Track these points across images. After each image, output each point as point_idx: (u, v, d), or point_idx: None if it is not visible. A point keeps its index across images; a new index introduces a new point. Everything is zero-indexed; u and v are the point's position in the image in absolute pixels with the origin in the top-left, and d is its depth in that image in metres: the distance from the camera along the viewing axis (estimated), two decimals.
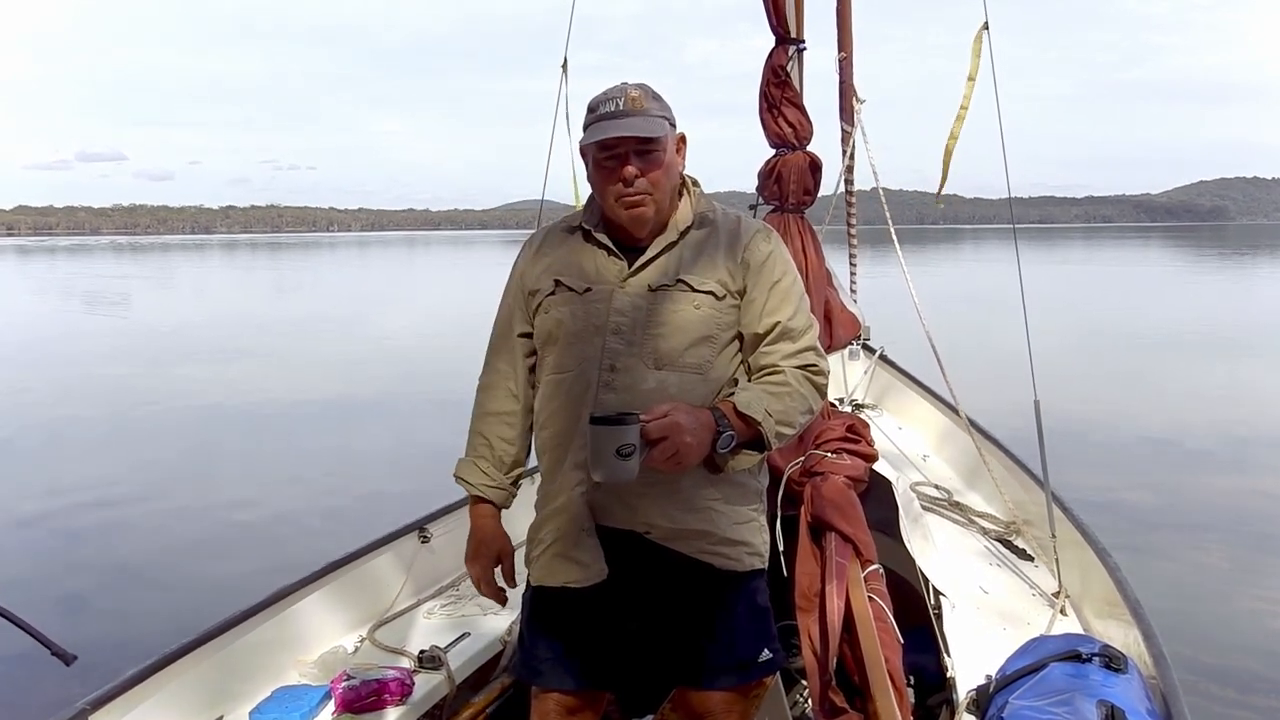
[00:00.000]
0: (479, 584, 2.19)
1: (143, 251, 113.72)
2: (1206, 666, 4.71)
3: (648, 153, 1.95)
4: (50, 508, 7.89)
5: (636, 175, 1.94)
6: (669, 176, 2.00)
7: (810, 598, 2.51)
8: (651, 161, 1.95)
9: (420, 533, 3.25)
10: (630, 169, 1.94)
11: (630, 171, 1.94)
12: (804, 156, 3.54)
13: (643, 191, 1.96)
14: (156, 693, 2.27)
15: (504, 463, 2.16)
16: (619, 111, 1.95)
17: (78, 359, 17.25)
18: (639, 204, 1.97)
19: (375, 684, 2.55)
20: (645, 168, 1.95)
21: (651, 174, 1.95)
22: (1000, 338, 3.48)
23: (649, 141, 1.94)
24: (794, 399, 1.95)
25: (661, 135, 1.96)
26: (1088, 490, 7.46)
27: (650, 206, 1.98)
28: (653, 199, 1.97)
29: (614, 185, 1.97)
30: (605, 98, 1.98)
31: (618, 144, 1.94)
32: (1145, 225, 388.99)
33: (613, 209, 2.00)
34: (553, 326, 2.03)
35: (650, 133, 1.93)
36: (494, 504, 2.17)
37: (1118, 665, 2.19)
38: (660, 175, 1.97)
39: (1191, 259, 59.47)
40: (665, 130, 1.97)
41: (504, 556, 2.18)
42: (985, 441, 3.72)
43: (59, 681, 2.45)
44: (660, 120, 1.97)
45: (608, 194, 1.99)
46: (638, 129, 1.93)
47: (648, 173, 1.95)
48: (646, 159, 1.95)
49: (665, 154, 1.97)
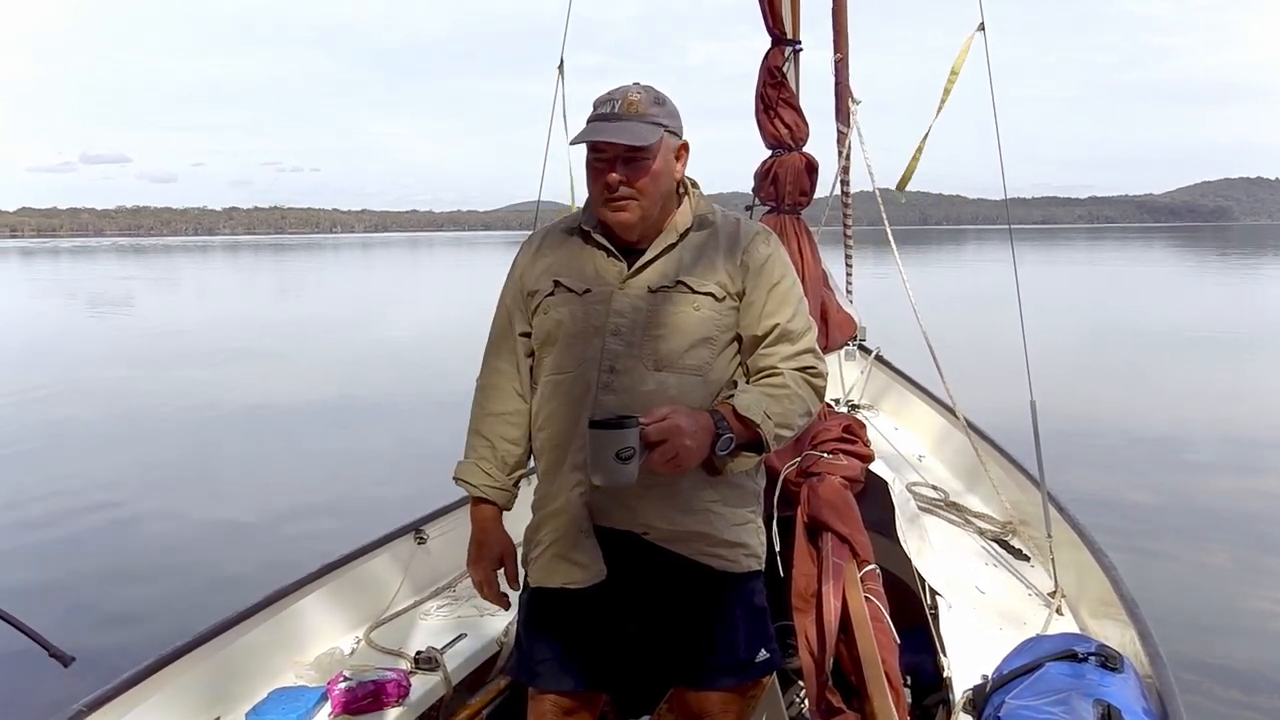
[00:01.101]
0: (481, 587, 2.15)
1: (146, 253, 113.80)
2: (1210, 667, 4.69)
3: (635, 160, 1.92)
4: (49, 508, 7.89)
5: (621, 182, 1.92)
6: (657, 184, 1.96)
7: (807, 598, 2.51)
8: (638, 169, 1.93)
9: (416, 534, 3.25)
10: (614, 175, 1.92)
11: (613, 178, 1.92)
12: (800, 157, 3.54)
13: (626, 197, 1.94)
14: (153, 694, 2.27)
15: (507, 464, 2.12)
16: (613, 115, 1.93)
17: (79, 360, 17.25)
18: (621, 208, 1.95)
19: (372, 685, 2.55)
20: (631, 175, 1.92)
21: (638, 181, 1.93)
22: (1001, 338, 3.49)
23: (637, 150, 1.92)
24: (793, 401, 1.95)
25: (650, 144, 1.92)
26: (1090, 490, 7.44)
27: (634, 213, 1.96)
28: (638, 204, 1.95)
29: (600, 189, 1.96)
30: (606, 98, 1.96)
31: (607, 148, 1.93)
32: (1148, 226, 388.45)
33: (600, 210, 2.00)
34: (552, 327, 2.01)
35: (636, 140, 1.90)
36: (497, 505, 2.13)
37: (1114, 665, 2.19)
38: (647, 183, 1.94)
39: (1195, 259, 59.31)
40: (656, 138, 1.93)
41: (506, 559, 2.15)
42: (981, 442, 3.72)
43: (57, 682, 2.45)
44: (654, 127, 1.93)
45: (596, 197, 1.99)
46: (625, 136, 1.90)
47: (633, 180, 1.93)
48: (633, 166, 1.92)
49: (654, 162, 1.94)
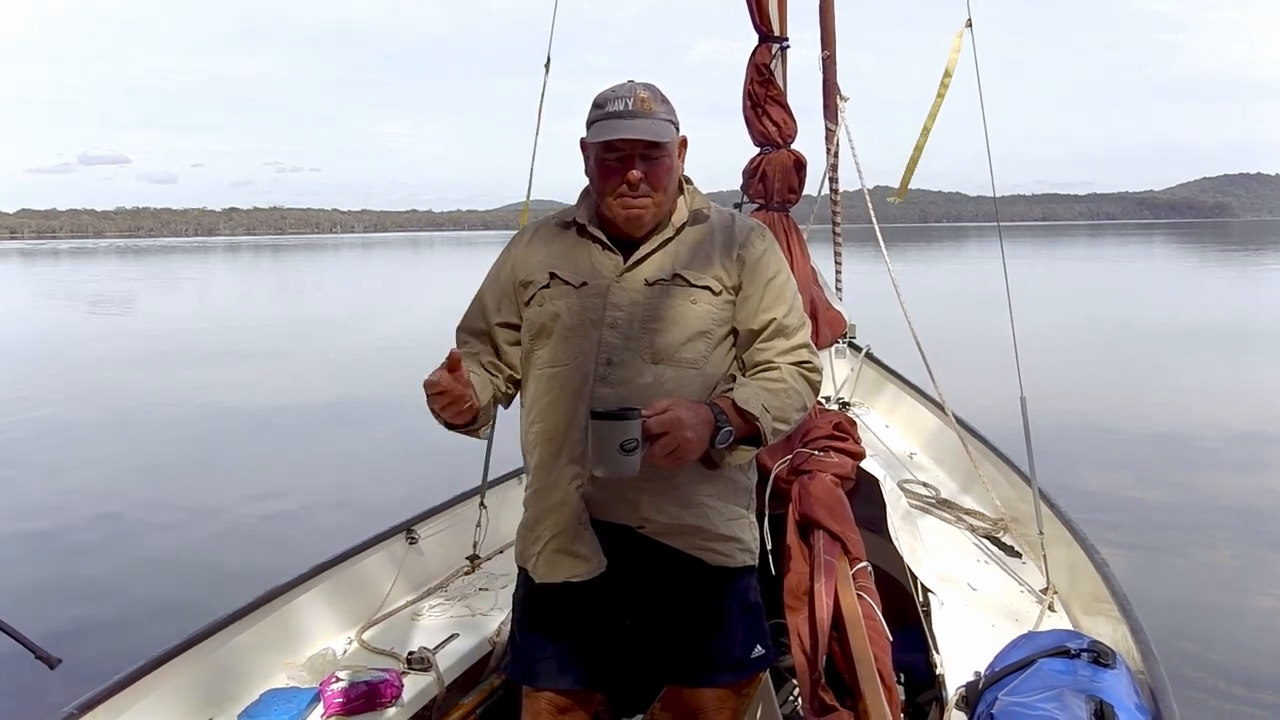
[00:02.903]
0: (431, 389, 1.87)
1: (146, 254, 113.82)
2: (1215, 663, 4.69)
3: (654, 157, 1.94)
4: (45, 508, 7.91)
5: (641, 179, 1.94)
6: (671, 179, 1.99)
7: (799, 596, 2.51)
8: (657, 165, 1.95)
9: (408, 534, 3.25)
10: (635, 172, 1.93)
11: (635, 175, 1.93)
12: (788, 155, 3.54)
13: (644, 195, 1.95)
14: (145, 696, 2.26)
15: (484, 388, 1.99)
16: (628, 111, 1.93)
17: (79, 361, 17.26)
18: (640, 206, 1.96)
19: (364, 686, 2.54)
20: (650, 171, 1.94)
21: (656, 177, 1.95)
22: (997, 335, 3.50)
23: (656, 146, 1.93)
24: (790, 395, 1.96)
25: (669, 140, 1.95)
26: (1095, 487, 7.43)
27: (649, 210, 1.97)
28: (653, 202, 1.97)
29: (615, 185, 1.96)
30: (613, 95, 1.96)
31: (624, 145, 1.93)
32: (1149, 222, 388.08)
33: (610, 207, 1.99)
34: (547, 320, 2.01)
35: (659, 137, 1.93)
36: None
37: (1106, 661, 2.20)
38: (664, 179, 1.96)
39: (1195, 255, 59.24)
40: (672, 134, 1.96)
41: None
42: (972, 439, 3.72)
43: (44, 685, 2.44)
44: (667, 124, 1.96)
45: (607, 192, 1.98)
46: (647, 132, 1.92)
47: (652, 177, 1.94)
48: (652, 163, 1.94)
49: (670, 159, 1.97)
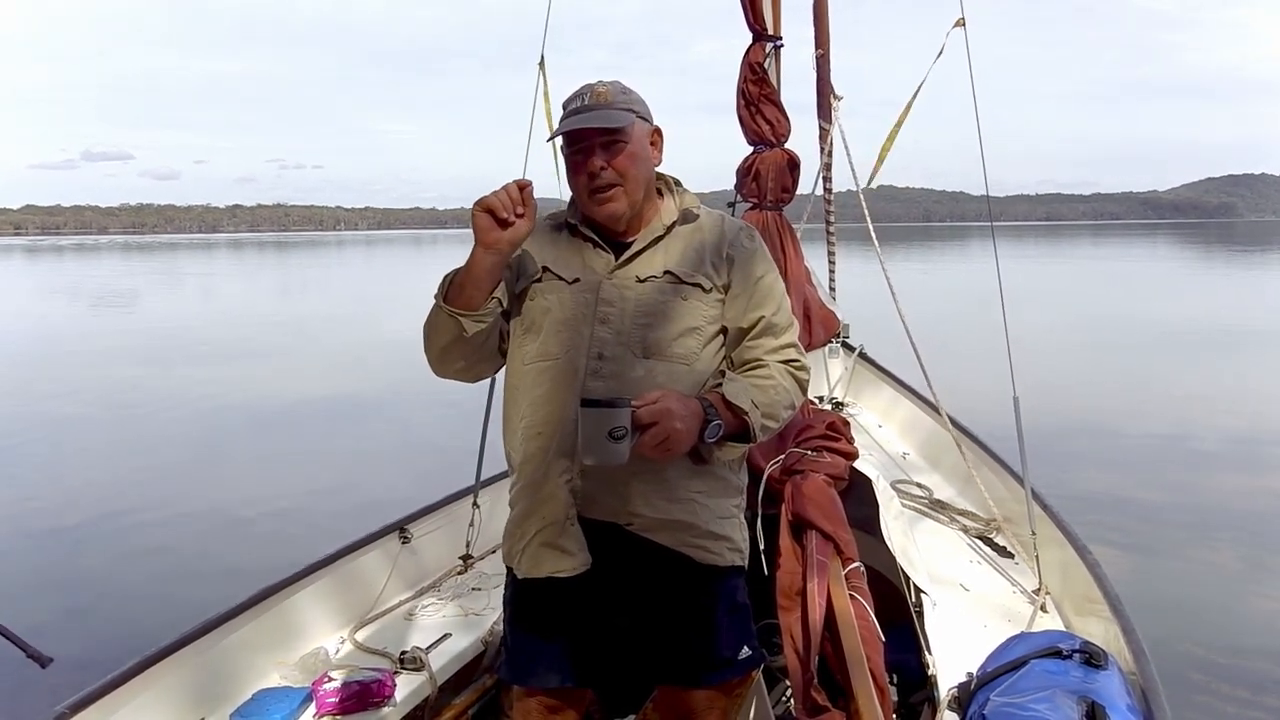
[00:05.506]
0: (493, 210, 1.86)
1: (150, 250, 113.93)
2: (1217, 666, 4.68)
3: (612, 144, 1.96)
4: (47, 505, 7.90)
5: (602, 167, 1.95)
6: (637, 167, 1.99)
7: (792, 596, 2.51)
8: (616, 152, 1.96)
9: (401, 533, 3.25)
10: (596, 160, 1.95)
11: (595, 163, 1.95)
12: (782, 154, 3.54)
13: (610, 183, 1.96)
14: (137, 696, 2.27)
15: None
16: (584, 106, 1.97)
17: (81, 356, 17.30)
18: (609, 198, 1.97)
19: (357, 685, 2.54)
20: (611, 158, 1.95)
21: (618, 164, 1.96)
22: (995, 334, 3.50)
23: (613, 132, 1.95)
24: (778, 393, 1.97)
25: (625, 125, 1.96)
26: (1095, 488, 7.45)
27: (621, 200, 1.98)
28: (622, 190, 1.97)
29: (585, 181, 1.97)
30: (574, 95, 2.00)
31: (583, 137, 1.96)
32: (1152, 222, 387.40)
33: (586, 204, 2.01)
34: (538, 314, 2.02)
35: (612, 123, 1.94)
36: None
37: (1098, 661, 2.20)
38: (627, 164, 1.96)
39: (1199, 256, 59.11)
40: (629, 121, 1.97)
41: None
42: (965, 439, 3.72)
43: (36, 684, 2.43)
44: (624, 112, 1.97)
45: (580, 188, 2.00)
46: (600, 120, 1.94)
47: (614, 163, 1.96)
48: (611, 150, 1.96)
49: (631, 144, 1.97)
